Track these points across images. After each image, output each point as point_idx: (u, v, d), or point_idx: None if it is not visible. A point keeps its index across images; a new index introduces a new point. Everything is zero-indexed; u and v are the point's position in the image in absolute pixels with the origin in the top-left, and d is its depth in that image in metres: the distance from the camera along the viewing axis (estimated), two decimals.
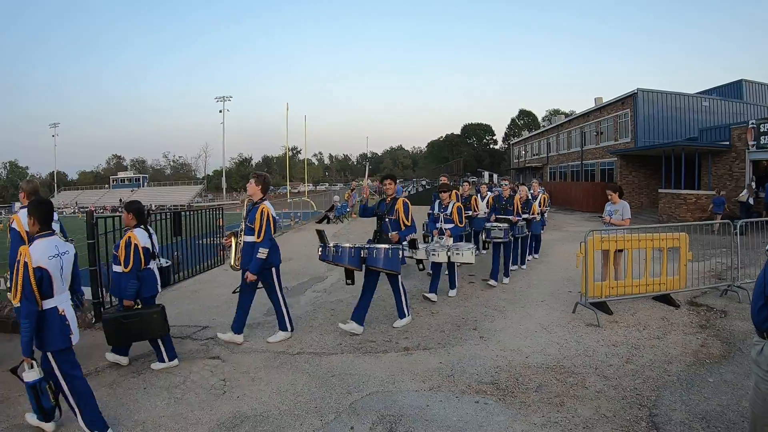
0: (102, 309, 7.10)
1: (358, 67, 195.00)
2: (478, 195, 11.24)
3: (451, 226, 7.97)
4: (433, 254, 7.50)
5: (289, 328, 6.07)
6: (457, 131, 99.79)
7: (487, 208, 10.73)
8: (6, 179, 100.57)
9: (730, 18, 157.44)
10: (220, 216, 11.73)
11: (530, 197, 10.84)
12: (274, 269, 5.93)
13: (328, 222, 21.45)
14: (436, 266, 7.78)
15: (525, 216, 9.70)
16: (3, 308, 6.53)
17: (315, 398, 4.37)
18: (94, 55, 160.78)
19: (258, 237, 5.60)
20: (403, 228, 6.31)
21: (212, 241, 11.32)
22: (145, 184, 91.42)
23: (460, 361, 5.13)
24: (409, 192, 39.18)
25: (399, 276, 6.34)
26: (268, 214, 5.64)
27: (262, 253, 5.60)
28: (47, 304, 3.61)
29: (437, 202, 8.35)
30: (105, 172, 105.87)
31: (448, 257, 7.51)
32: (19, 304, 3.60)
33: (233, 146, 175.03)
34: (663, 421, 3.81)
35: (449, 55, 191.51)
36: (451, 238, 7.87)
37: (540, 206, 11.73)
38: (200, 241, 10.77)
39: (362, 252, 5.99)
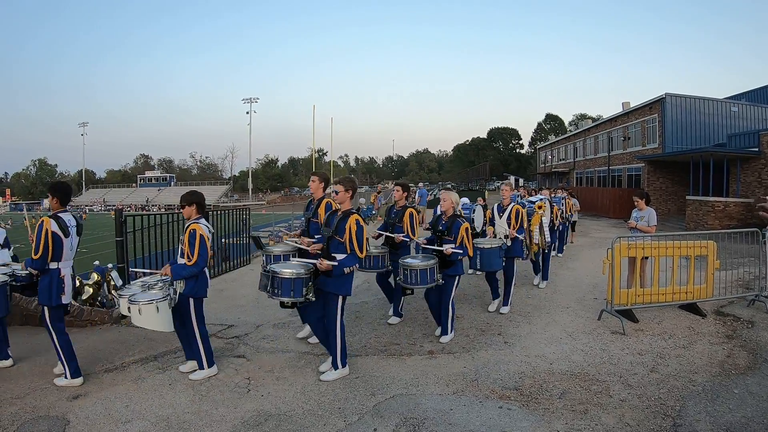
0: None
1: (385, 71, 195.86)
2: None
3: (181, 262, 4.82)
4: (117, 302, 4.96)
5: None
6: (484, 135, 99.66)
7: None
8: (35, 176, 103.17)
9: (759, 22, 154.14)
10: (247, 216, 11.89)
11: (491, 213, 7.44)
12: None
13: None
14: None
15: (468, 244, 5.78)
16: (32, 301, 6.67)
17: (339, 399, 4.41)
18: (123, 56, 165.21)
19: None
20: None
21: (238, 241, 11.49)
22: (172, 183, 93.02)
23: (484, 366, 5.13)
24: (434, 195, 39.08)
25: None
26: None
27: None
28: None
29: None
30: (132, 171, 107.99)
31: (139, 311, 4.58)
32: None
33: (260, 147, 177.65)
34: (687, 431, 3.78)
35: (476, 59, 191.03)
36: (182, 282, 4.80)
37: (512, 224, 7.11)
38: (226, 241, 10.95)
39: None
